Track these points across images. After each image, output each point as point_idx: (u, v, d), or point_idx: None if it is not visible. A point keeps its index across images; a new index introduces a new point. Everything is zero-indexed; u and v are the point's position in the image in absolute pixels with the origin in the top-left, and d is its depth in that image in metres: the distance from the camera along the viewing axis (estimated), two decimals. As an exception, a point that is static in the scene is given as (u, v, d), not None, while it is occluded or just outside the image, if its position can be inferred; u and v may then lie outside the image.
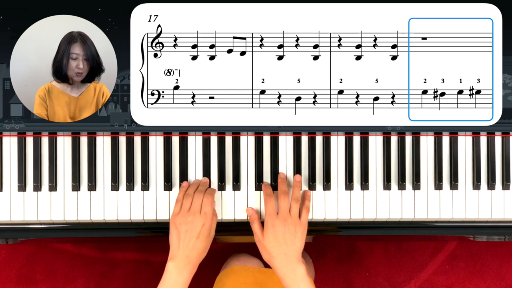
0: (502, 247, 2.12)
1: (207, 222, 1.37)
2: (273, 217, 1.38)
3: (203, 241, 1.36)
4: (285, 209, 1.38)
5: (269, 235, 1.37)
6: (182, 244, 1.35)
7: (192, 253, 1.35)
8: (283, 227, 1.36)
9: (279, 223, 1.37)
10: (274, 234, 1.36)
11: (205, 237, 1.37)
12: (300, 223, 1.38)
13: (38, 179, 1.44)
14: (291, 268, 1.34)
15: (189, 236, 1.35)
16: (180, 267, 1.34)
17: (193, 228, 1.36)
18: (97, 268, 2.09)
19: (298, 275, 1.34)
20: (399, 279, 2.11)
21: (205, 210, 1.38)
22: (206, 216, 1.37)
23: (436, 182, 1.46)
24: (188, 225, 1.36)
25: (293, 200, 1.40)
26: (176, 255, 1.35)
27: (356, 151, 1.46)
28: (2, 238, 1.48)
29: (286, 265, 1.35)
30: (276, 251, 1.35)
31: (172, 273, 1.35)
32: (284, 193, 1.40)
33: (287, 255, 1.35)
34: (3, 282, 2.08)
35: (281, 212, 1.38)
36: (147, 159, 1.44)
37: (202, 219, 1.37)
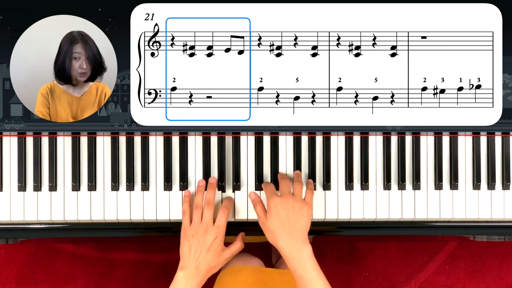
0: (502, 247, 2.12)
1: (219, 235, 1.37)
2: (274, 196, 1.35)
3: (213, 255, 1.36)
4: (287, 189, 1.36)
5: (272, 215, 1.34)
6: (193, 256, 1.35)
7: (202, 265, 1.35)
8: (286, 205, 1.33)
9: (282, 202, 1.34)
10: (277, 213, 1.33)
11: (216, 251, 1.36)
12: (304, 202, 1.36)
13: (38, 179, 1.44)
14: (296, 248, 1.31)
15: (200, 249, 1.35)
16: (189, 277, 1.34)
17: (204, 241, 1.36)
18: (97, 268, 2.09)
19: (304, 256, 1.31)
20: (399, 279, 2.11)
21: (219, 223, 1.38)
22: (219, 230, 1.37)
23: (436, 182, 1.46)
24: (200, 238, 1.36)
25: (295, 183, 1.39)
26: (186, 265, 1.35)
27: (356, 151, 1.46)
28: (2, 238, 1.48)
29: (290, 245, 1.32)
30: (279, 231, 1.33)
31: (181, 282, 1.34)
32: (284, 178, 1.39)
33: (292, 234, 1.32)
34: (3, 282, 2.08)
35: (283, 192, 1.36)
36: (147, 159, 1.44)
37: (215, 232, 1.37)
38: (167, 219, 1.45)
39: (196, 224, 1.38)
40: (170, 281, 1.36)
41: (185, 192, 1.43)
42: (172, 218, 1.45)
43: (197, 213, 1.39)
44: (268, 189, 1.39)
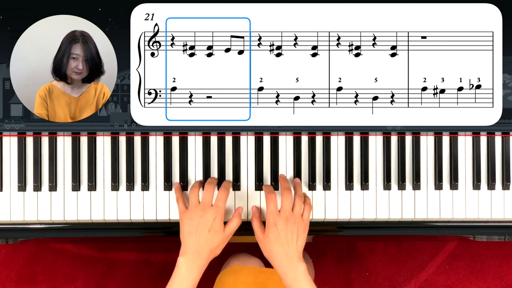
0: (502, 247, 2.12)
1: (218, 215, 1.35)
2: (275, 215, 1.35)
3: (215, 235, 1.35)
4: (288, 207, 1.36)
5: (270, 234, 1.35)
6: (193, 238, 1.34)
7: (203, 248, 1.34)
8: (285, 226, 1.34)
9: (281, 222, 1.34)
10: (276, 233, 1.34)
11: (217, 231, 1.35)
12: (302, 221, 1.37)
13: (38, 179, 1.44)
14: (292, 267, 1.33)
15: (200, 230, 1.34)
16: (189, 263, 1.33)
17: (204, 222, 1.35)
18: (97, 268, 2.09)
19: (299, 274, 1.33)
20: (399, 279, 2.11)
21: (218, 203, 1.36)
22: (218, 209, 1.36)
23: (436, 182, 1.46)
24: (199, 218, 1.35)
25: (296, 197, 1.38)
26: (187, 250, 1.34)
27: (356, 151, 1.46)
28: (2, 238, 1.48)
29: (286, 264, 1.33)
30: (277, 250, 1.34)
31: (182, 268, 1.33)
32: (287, 190, 1.37)
33: (288, 254, 1.34)
34: (3, 282, 2.08)
35: (284, 210, 1.36)
36: (147, 159, 1.44)
37: (214, 212, 1.35)
38: (167, 219, 1.45)
39: (193, 206, 1.37)
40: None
41: (175, 184, 1.43)
42: (172, 218, 1.45)
43: (193, 195, 1.38)
44: (270, 202, 1.37)
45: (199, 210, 1.36)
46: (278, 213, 1.36)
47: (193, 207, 1.37)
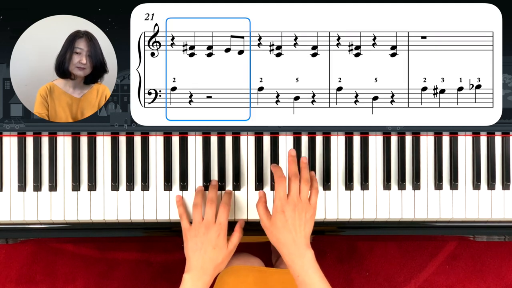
0: (502, 247, 2.12)
1: (221, 232, 1.36)
2: (283, 201, 1.32)
3: (219, 252, 1.36)
4: (296, 192, 1.32)
5: (277, 221, 1.32)
6: (198, 255, 1.35)
7: (207, 264, 1.35)
8: (293, 213, 1.31)
9: (289, 209, 1.31)
10: (283, 220, 1.31)
11: (221, 248, 1.36)
12: (309, 206, 1.33)
13: (38, 179, 1.44)
14: (299, 255, 1.31)
15: (204, 248, 1.35)
16: (195, 279, 1.34)
17: (208, 239, 1.35)
18: (97, 268, 2.09)
19: (306, 262, 1.30)
20: (399, 279, 2.11)
21: (220, 220, 1.37)
22: (221, 226, 1.37)
23: (436, 182, 1.46)
24: (203, 236, 1.36)
25: (303, 181, 1.34)
26: (192, 267, 1.35)
27: (356, 151, 1.46)
28: (2, 238, 1.48)
29: (294, 252, 1.31)
30: (284, 238, 1.31)
31: (187, 284, 1.34)
32: (294, 175, 1.34)
33: (296, 241, 1.31)
34: (3, 282, 2.08)
35: (291, 196, 1.32)
36: (147, 159, 1.44)
37: (217, 229, 1.36)
38: (167, 219, 1.45)
39: (197, 223, 1.38)
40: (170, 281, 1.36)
41: (176, 197, 1.43)
42: (172, 218, 1.45)
43: (197, 213, 1.39)
44: (279, 186, 1.33)
45: (203, 228, 1.36)
46: (286, 199, 1.32)
47: (197, 224, 1.38)
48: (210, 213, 1.38)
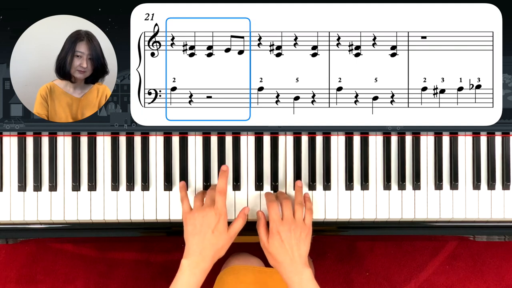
0: (502, 247, 2.12)
1: (221, 217, 1.36)
2: (277, 223, 1.36)
3: (219, 236, 1.35)
4: (289, 214, 1.37)
5: (274, 242, 1.35)
6: (197, 239, 1.34)
7: (206, 249, 1.34)
8: (288, 233, 1.35)
9: (284, 229, 1.35)
10: (280, 240, 1.35)
11: (221, 232, 1.35)
12: (305, 226, 1.37)
13: (38, 179, 1.44)
14: (297, 273, 1.34)
15: (204, 231, 1.35)
16: (193, 266, 1.33)
17: (208, 223, 1.35)
18: (97, 268, 2.09)
19: (304, 280, 1.33)
20: (399, 279, 2.11)
21: (217, 205, 1.36)
22: (218, 211, 1.36)
23: (436, 182, 1.46)
24: (203, 219, 1.35)
25: (297, 204, 1.39)
26: (190, 252, 1.34)
27: (356, 151, 1.46)
28: (2, 238, 1.48)
29: (292, 270, 1.34)
30: (282, 257, 1.35)
31: (185, 272, 1.33)
32: (286, 199, 1.39)
33: (293, 260, 1.34)
34: (3, 282, 2.08)
35: (286, 217, 1.37)
36: (147, 159, 1.44)
37: (217, 215, 1.36)
38: (167, 219, 1.45)
39: (197, 207, 1.38)
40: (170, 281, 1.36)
41: (181, 183, 1.43)
42: (172, 218, 1.45)
43: (197, 198, 1.39)
44: (272, 210, 1.37)
45: (202, 211, 1.36)
46: (280, 221, 1.36)
47: (197, 208, 1.38)
48: (210, 198, 1.38)
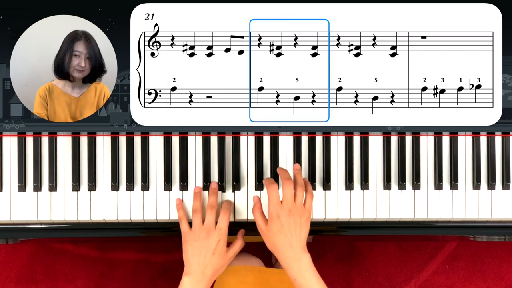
0: (502, 247, 2.12)
1: (222, 237, 1.36)
2: (277, 207, 1.32)
3: (219, 258, 1.36)
4: (290, 197, 1.33)
5: (273, 226, 1.33)
6: (197, 260, 1.35)
7: (207, 269, 1.35)
8: (288, 217, 1.32)
9: (284, 213, 1.32)
10: (279, 225, 1.32)
11: (221, 253, 1.36)
12: (305, 210, 1.34)
13: (38, 179, 1.44)
14: (296, 259, 1.31)
15: (204, 253, 1.35)
16: (195, 283, 1.34)
17: (208, 245, 1.35)
18: (97, 268, 2.09)
19: (303, 265, 1.31)
20: (399, 279, 2.11)
21: (220, 226, 1.37)
22: (221, 232, 1.36)
23: (436, 182, 1.46)
24: (204, 241, 1.36)
25: (297, 186, 1.35)
26: (191, 271, 1.35)
27: (356, 151, 1.46)
28: (2, 238, 1.48)
29: (290, 255, 1.32)
30: (280, 243, 1.32)
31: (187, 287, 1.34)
32: (287, 179, 1.34)
33: (292, 245, 1.32)
34: (3, 282, 2.08)
35: (286, 201, 1.33)
36: (147, 159, 1.44)
37: (218, 234, 1.36)
38: (167, 219, 1.45)
39: (197, 228, 1.38)
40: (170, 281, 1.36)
41: (176, 201, 1.43)
42: (172, 218, 1.45)
43: (196, 217, 1.39)
44: (272, 193, 1.34)
45: (204, 233, 1.36)
46: (280, 204, 1.33)
47: (197, 228, 1.37)
48: (211, 218, 1.38)
